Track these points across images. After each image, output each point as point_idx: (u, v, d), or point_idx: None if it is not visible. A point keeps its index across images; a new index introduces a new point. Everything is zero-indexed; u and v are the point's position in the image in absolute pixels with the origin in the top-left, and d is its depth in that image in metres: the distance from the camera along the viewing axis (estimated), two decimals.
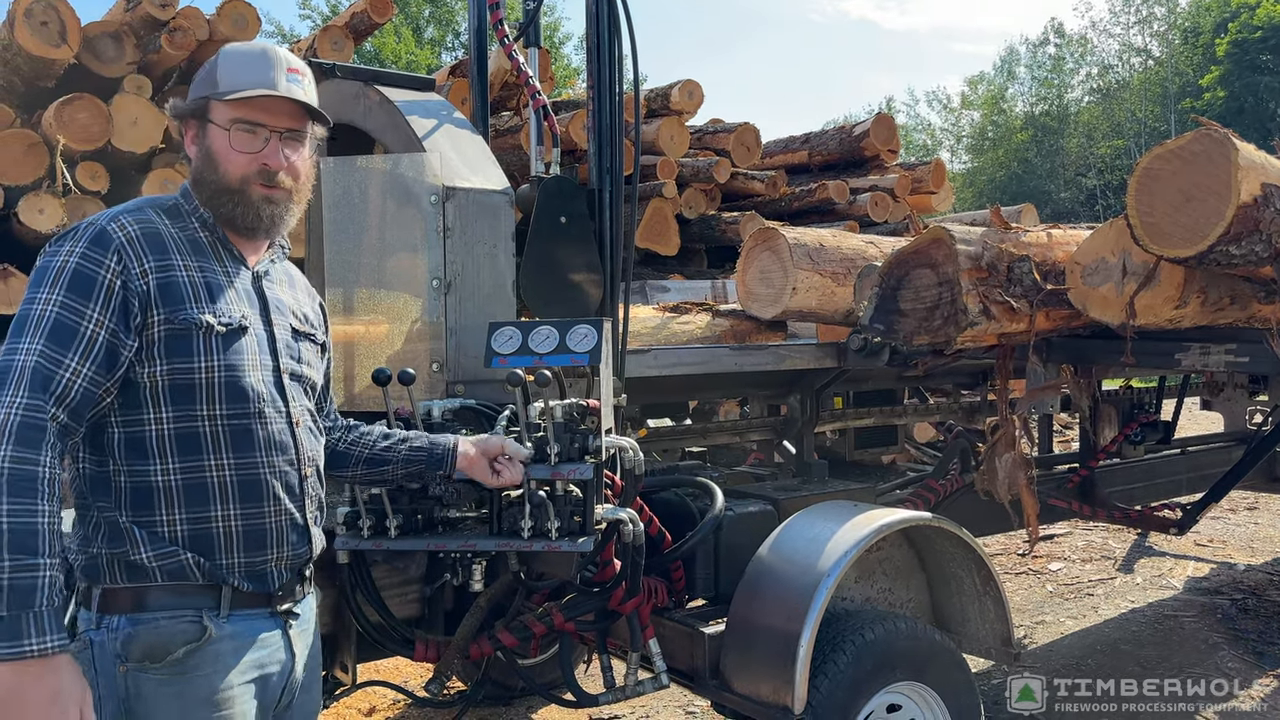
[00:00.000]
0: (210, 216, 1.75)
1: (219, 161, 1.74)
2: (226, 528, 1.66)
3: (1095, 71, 39.86)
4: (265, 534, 1.70)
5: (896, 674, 2.77)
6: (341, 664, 2.77)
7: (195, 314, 1.65)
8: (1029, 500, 3.09)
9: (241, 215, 1.75)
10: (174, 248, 1.68)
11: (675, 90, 7.35)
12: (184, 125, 1.77)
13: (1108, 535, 6.47)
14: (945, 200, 9.26)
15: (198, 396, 1.64)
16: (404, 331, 2.61)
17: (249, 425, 1.69)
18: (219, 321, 1.67)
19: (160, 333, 1.62)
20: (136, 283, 1.61)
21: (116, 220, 1.64)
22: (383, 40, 26.70)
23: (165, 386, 1.62)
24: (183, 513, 1.63)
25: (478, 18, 3.18)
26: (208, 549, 1.64)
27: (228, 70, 1.75)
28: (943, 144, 45.44)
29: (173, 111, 1.78)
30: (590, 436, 2.28)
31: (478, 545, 2.30)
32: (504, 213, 2.66)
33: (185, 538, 1.63)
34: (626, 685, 2.73)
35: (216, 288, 1.70)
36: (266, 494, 1.70)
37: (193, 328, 1.64)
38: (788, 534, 2.85)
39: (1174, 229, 2.35)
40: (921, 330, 2.72)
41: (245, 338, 1.71)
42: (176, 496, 1.63)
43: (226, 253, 1.77)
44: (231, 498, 1.66)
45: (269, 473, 1.71)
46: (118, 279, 1.59)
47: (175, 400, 1.63)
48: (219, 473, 1.66)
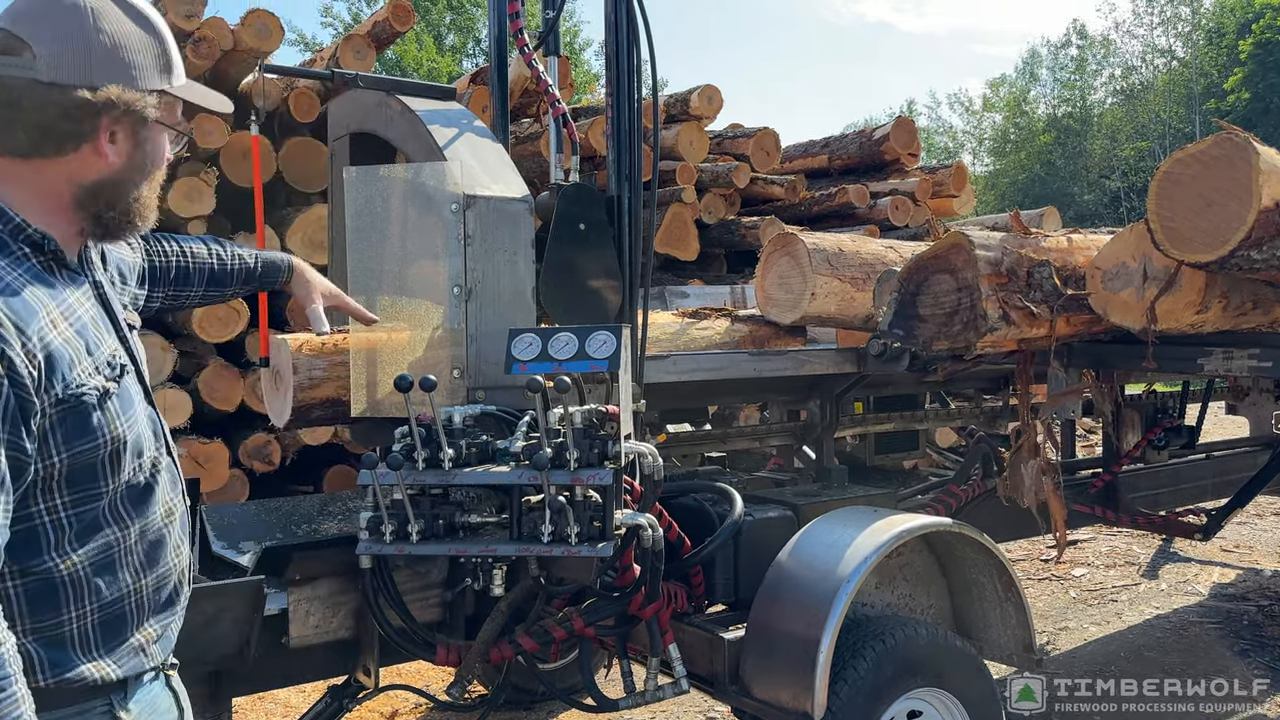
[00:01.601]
0: (43, 236, 1.37)
1: (153, 169, 1.47)
2: (139, 600, 1.45)
3: (1119, 73, 39.64)
4: (173, 589, 1.53)
5: (917, 680, 2.77)
6: (364, 667, 2.80)
7: (86, 382, 1.33)
8: (1056, 506, 3.08)
9: (135, 225, 1.48)
10: (35, 302, 1.30)
11: (695, 95, 7.37)
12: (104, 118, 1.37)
13: (1132, 541, 6.42)
14: (967, 204, 9.23)
15: (100, 472, 1.37)
16: (425, 338, 2.63)
17: (147, 479, 1.46)
18: (107, 378, 1.37)
19: (53, 419, 1.30)
20: (23, 373, 1.24)
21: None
22: (404, 48, 26.88)
23: (62, 474, 1.33)
24: (93, 602, 1.38)
25: (498, 26, 3.20)
26: (120, 629, 1.42)
27: (172, 47, 1.47)
28: (964, 146, 45.29)
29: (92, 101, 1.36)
30: (609, 442, 2.29)
31: (498, 550, 2.31)
32: (524, 220, 2.68)
33: (96, 627, 1.39)
34: (647, 690, 2.75)
35: (83, 330, 1.37)
36: (169, 547, 1.51)
37: (88, 403, 1.33)
38: (807, 540, 2.85)
39: (1194, 234, 2.34)
40: (941, 336, 2.72)
41: (127, 379, 1.44)
42: (85, 586, 1.36)
43: (62, 269, 1.41)
44: (141, 566, 1.45)
45: (168, 524, 1.51)
46: (2, 380, 1.22)
47: (73, 484, 1.34)
48: (125, 543, 1.42)
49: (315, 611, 2.68)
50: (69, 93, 1.34)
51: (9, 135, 1.35)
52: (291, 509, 3.16)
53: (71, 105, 1.34)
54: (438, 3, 30.59)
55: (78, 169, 1.39)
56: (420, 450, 2.30)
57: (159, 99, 1.43)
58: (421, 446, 2.30)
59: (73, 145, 1.37)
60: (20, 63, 1.32)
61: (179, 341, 5.30)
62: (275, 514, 3.07)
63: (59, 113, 1.34)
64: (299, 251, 5.47)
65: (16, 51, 1.32)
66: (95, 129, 1.37)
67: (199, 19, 5.36)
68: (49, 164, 1.38)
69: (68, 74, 1.34)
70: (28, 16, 1.35)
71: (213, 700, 2.63)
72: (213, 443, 5.25)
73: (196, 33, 5.31)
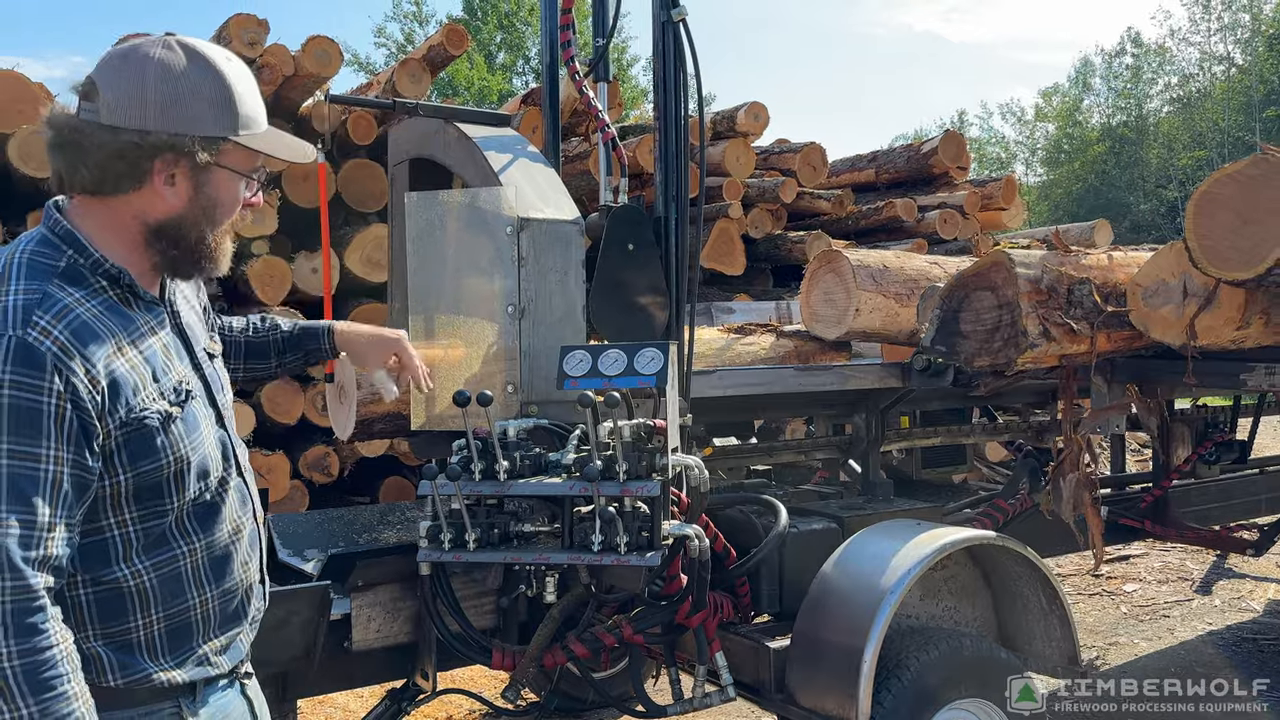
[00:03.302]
0: (119, 270, 1.49)
1: (220, 215, 1.57)
2: (205, 612, 1.55)
3: (1175, 81, 38.96)
4: (240, 602, 1.63)
5: (960, 690, 2.82)
6: (422, 671, 2.91)
7: (150, 407, 1.44)
8: (1094, 520, 3.11)
9: (205, 268, 1.59)
10: (103, 331, 1.42)
11: (741, 113, 7.45)
12: (156, 160, 1.47)
13: (1185, 556, 6.35)
14: (1017, 216, 9.19)
15: (165, 490, 1.47)
16: (481, 354, 2.74)
17: (213, 498, 1.56)
18: (171, 404, 1.48)
19: (118, 441, 1.41)
20: (86, 400, 1.36)
21: (34, 326, 1.35)
22: (455, 67, 27.32)
23: (129, 491, 1.44)
24: (159, 612, 1.49)
25: (550, 53, 3.32)
26: (186, 638, 1.52)
27: (245, 99, 1.55)
28: (1017, 157, 44.78)
29: (140, 142, 1.45)
30: (657, 455, 2.38)
31: (550, 558, 2.41)
32: (575, 241, 2.78)
33: (163, 635, 1.49)
34: (694, 697, 2.82)
35: (153, 358, 1.49)
36: (237, 563, 1.61)
37: (151, 426, 1.44)
38: (851, 552, 2.92)
39: (1232, 252, 2.38)
40: (982, 352, 2.78)
41: (194, 404, 1.54)
42: (152, 596, 1.48)
43: (139, 302, 1.53)
44: (206, 580, 1.55)
45: (235, 540, 1.61)
46: (65, 404, 1.34)
47: (140, 500, 1.45)
48: (192, 558, 1.53)
49: (376, 617, 2.79)
50: (120, 135, 1.45)
51: (78, 172, 1.47)
52: (352, 518, 3.29)
53: (124, 146, 1.45)
54: (488, 22, 31.05)
55: (143, 208, 1.50)
56: (477, 462, 2.41)
57: (218, 146, 1.51)
58: (478, 459, 2.41)
59: (130, 185, 1.48)
60: (90, 107, 1.46)
61: None
62: (337, 523, 3.20)
63: (113, 153, 1.45)
64: (357, 270, 5.65)
65: (91, 97, 1.46)
66: (149, 170, 1.48)
67: (261, 46, 5.58)
68: (117, 201, 1.49)
69: (123, 118, 1.45)
70: (108, 67, 1.49)
71: (279, 701, 2.75)
72: (274, 454, 5.44)
73: (260, 60, 5.53)
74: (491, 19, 31.14)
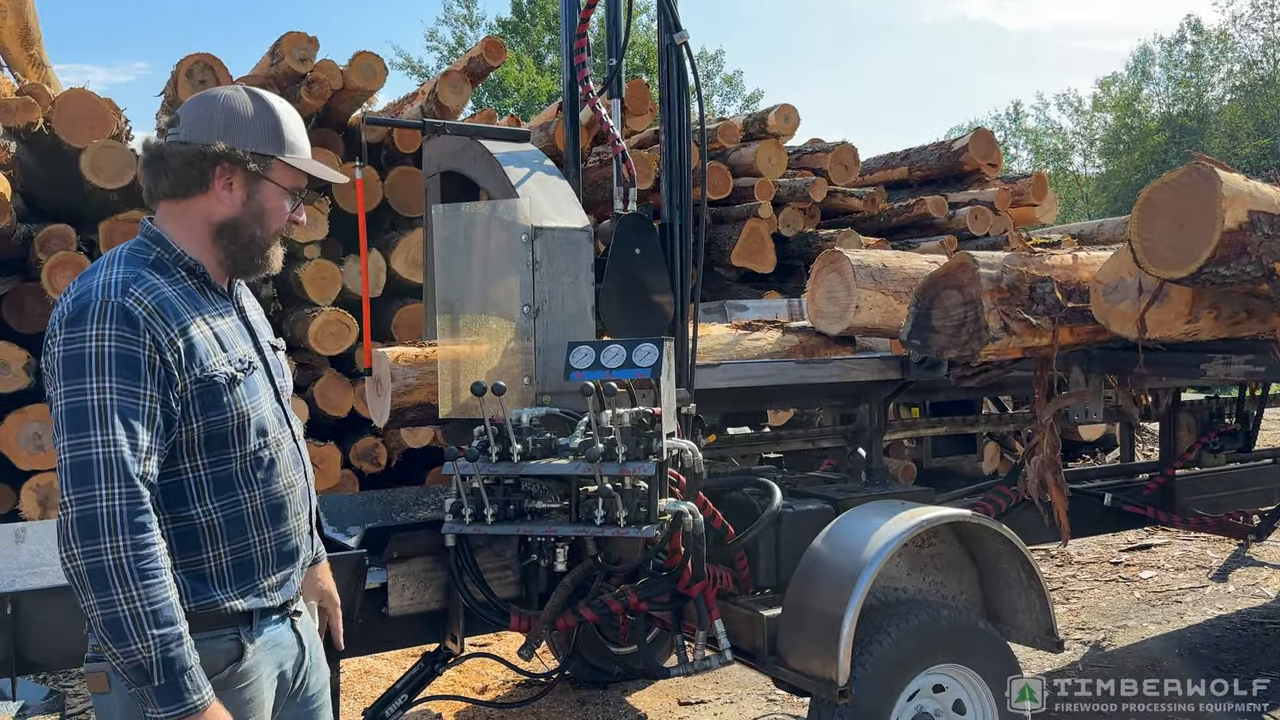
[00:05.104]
0: (195, 262, 1.84)
1: (269, 221, 1.90)
2: (264, 550, 1.85)
3: (1237, 69, 38.07)
4: (292, 548, 1.92)
5: (939, 656, 3.07)
6: (452, 635, 3.23)
7: (218, 369, 1.78)
8: (1058, 497, 3.33)
9: (259, 265, 1.93)
10: (182, 307, 1.77)
11: (772, 115, 7.69)
12: (217, 167, 1.83)
13: (1206, 545, 6.46)
14: (1049, 211, 9.30)
15: (230, 440, 1.79)
16: (500, 349, 3.06)
17: (271, 455, 1.87)
18: (237, 370, 1.82)
19: (193, 393, 1.74)
20: (168, 354, 1.71)
21: (130, 295, 1.70)
22: (505, 69, 27.79)
23: (201, 439, 1.76)
24: (226, 546, 1.79)
25: (570, 73, 3.62)
26: (248, 573, 1.82)
27: (292, 130, 1.92)
28: (1074, 147, 44.11)
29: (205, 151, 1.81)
30: (653, 439, 2.68)
31: (559, 531, 2.73)
32: (584, 247, 3.08)
33: (230, 568, 1.80)
34: (695, 660, 3.10)
35: (222, 334, 1.83)
36: (290, 512, 1.90)
37: (219, 383, 1.77)
38: (839, 528, 3.18)
39: (1169, 253, 2.60)
40: (950, 345, 3.01)
41: (255, 375, 1.87)
42: (220, 532, 1.78)
43: (213, 292, 1.88)
44: (265, 523, 1.85)
45: (289, 493, 1.90)
46: (155, 355, 1.69)
47: (210, 448, 1.77)
48: (252, 503, 1.83)
49: (410, 586, 3.12)
50: (191, 146, 1.82)
51: (161, 181, 1.85)
52: (391, 499, 3.64)
53: (193, 155, 1.82)
54: (537, 24, 31.49)
55: (208, 210, 1.86)
56: (494, 446, 2.73)
57: (268, 163, 1.87)
58: (495, 443, 2.73)
59: (198, 189, 1.84)
60: (174, 131, 1.86)
61: (297, 354, 5.88)
62: (376, 503, 3.55)
63: (185, 161, 1.83)
64: (403, 271, 6.02)
65: (176, 125, 1.87)
66: (212, 174, 1.83)
67: (311, 62, 5.95)
68: (191, 204, 1.85)
69: (193, 134, 1.84)
70: (189, 102, 1.91)
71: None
72: (326, 445, 5.84)
73: (310, 75, 5.91)
74: (540, 21, 31.59)
